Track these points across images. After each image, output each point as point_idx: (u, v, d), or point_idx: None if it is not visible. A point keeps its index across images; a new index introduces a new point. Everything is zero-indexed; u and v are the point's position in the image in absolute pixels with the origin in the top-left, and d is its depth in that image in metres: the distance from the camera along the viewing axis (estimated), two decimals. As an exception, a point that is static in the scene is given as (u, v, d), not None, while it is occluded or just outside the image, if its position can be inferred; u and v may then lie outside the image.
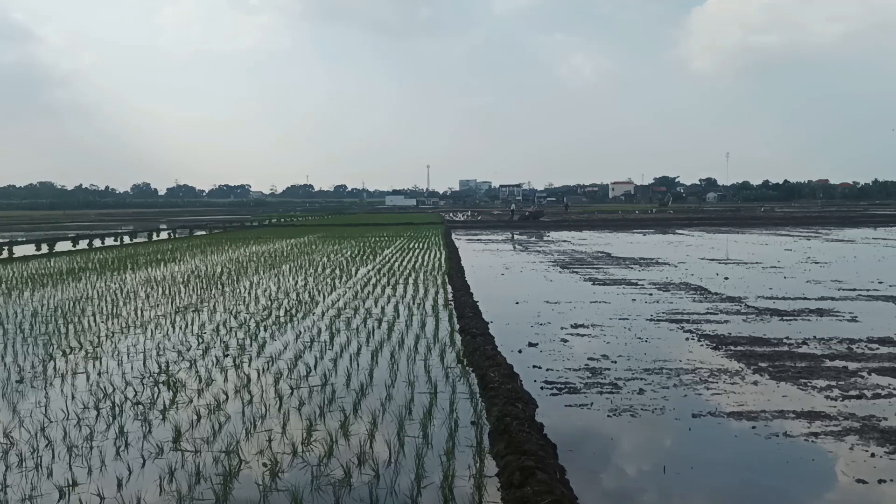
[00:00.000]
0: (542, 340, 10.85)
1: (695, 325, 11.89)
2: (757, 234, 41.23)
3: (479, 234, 44.40)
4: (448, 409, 7.27)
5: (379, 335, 10.98)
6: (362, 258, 24.99)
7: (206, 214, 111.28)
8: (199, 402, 7.72)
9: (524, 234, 43.73)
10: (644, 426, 7.00)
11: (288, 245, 33.42)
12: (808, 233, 40.69)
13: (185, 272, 21.11)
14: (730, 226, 51.52)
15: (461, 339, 10.53)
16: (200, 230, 55.37)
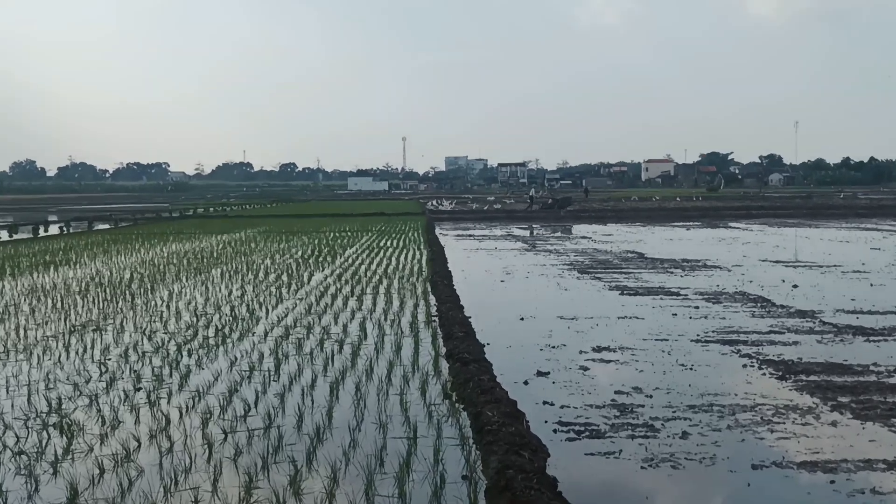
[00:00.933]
0: (554, 368, 10.88)
1: (754, 348, 11.96)
2: (835, 227, 41.58)
3: (471, 229, 44.46)
4: (432, 459, 7.27)
5: (340, 362, 10.96)
6: (318, 260, 24.97)
7: (110, 202, 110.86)
8: (101, 450, 7.67)
9: (530, 229, 43.87)
10: (689, 481, 7.02)
11: (219, 242, 33.33)
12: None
13: (83, 279, 21.00)
14: (799, 217, 51.96)
15: (448, 366, 10.53)
16: (103, 223, 55.14)
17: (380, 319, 14.15)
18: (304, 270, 22.09)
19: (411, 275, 20.55)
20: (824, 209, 59.13)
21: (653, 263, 23.93)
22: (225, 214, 65.68)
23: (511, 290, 19.01)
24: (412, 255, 26.24)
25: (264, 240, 34.54)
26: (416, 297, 16.64)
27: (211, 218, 60.38)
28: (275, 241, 33.40)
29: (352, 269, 22.05)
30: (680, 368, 10.82)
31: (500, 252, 28.87)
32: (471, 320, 13.96)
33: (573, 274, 21.60)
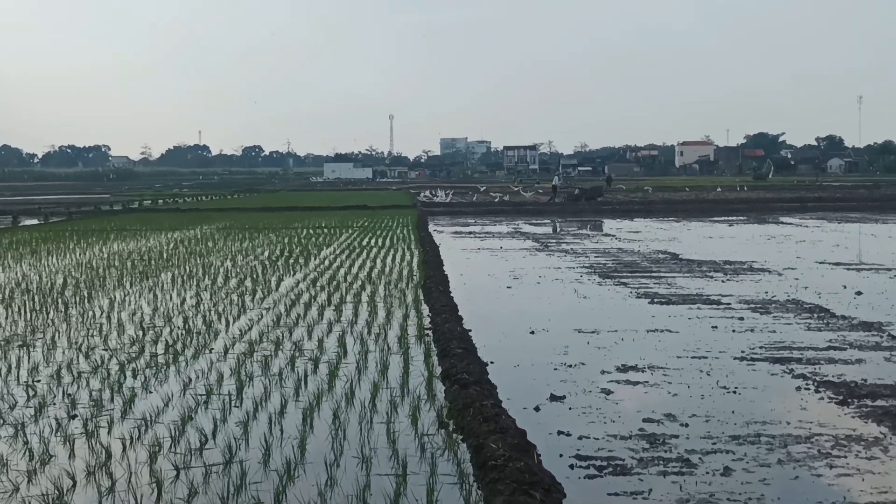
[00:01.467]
0: (571, 391, 10.89)
1: (810, 368, 11.98)
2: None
3: (471, 224, 44.50)
4: (424, 500, 7.26)
5: (315, 384, 10.96)
6: (288, 262, 24.97)
7: (38, 192, 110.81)
8: (29, 490, 7.66)
9: (543, 224, 43.89)
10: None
11: (170, 241, 33.32)
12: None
13: (6, 284, 20.98)
14: (863, 210, 52.10)
15: (444, 389, 10.53)
16: (30, 217, 55.08)
17: (362, 333, 14.14)
18: (272, 274, 22.08)
19: (400, 280, 20.55)
20: (894, 201, 59.26)
21: (689, 266, 23.97)
22: (177, 208, 65.67)
23: (519, 297, 19.00)
24: (401, 256, 26.25)
25: (224, 238, 34.54)
26: (405, 307, 16.63)
27: (160, 212, 60.38)
28: (237, 240, 33.40)
29: (329, 273, 22.04)
30: (721, 391, 10.83)
31: (505, 252, 28.90)
32: (471, 334, 13.96)
33: (593, 279, 21.62)
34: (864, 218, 45.57)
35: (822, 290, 19.03)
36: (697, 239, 33.75)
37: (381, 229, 38.21)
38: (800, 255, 26.53)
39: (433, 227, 41.96)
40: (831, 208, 53.95)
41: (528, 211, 55.13)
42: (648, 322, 15.54)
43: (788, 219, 45.36)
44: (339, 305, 16.92)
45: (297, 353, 12.76)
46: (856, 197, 64.71)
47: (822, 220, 44.41)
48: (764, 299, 17.91)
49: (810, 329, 14.71)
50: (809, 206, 55.25)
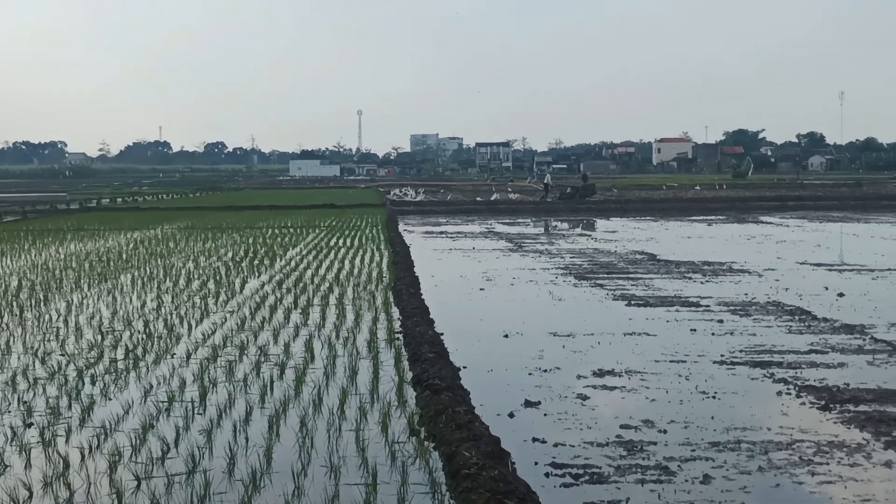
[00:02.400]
0: (546, 397, 10.92)
1: (791, 372, 12.07)
2: (889, 222, 41.98)
3: (443, 224, 44.51)
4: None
5: (281, 391, 10.93)
6: (253, 263, 24.89)
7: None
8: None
9: (517, 225, 43.96)
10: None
11: (130, 241, 33.14)
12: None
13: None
14: (845, 209, 52.48)
15: (415, 395, 10.53)
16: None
17: (330, 337, 14.13)
18: (236, 276, 22.01)
19: (369, 281, 20.54)
20: (876, 199, 59.75)
21: (667, 267, 24.08)
22: (136, 206, 65.33)
23: (493, 300, 19.04)
24: (370, 256, 26.22)
25: (186, 238, 34.38)
26: (375, 310, 16.63)
27: (119, 211, 60.03)
28: (199, 240, 33.25)
29: (295, 275, 22.00)
30: (700, 396, 10.89)
31: (479, 253, 28.93)
32: (443, 338, 13.97)
33: (569, 280, 21.68)
34: (846, 217, 45.91)
35: (804, 292, 19.16)
36: (675, 239, 33.90)
37: (349, 229, 38.16)
38: (780, 256, 26.70)
39: (403, 226, 41.94)
40: (812, 207, 54.29)
41: (501, 210, 55.19)
42: (625, 325, 15.60)
43: (769, 218, 45.63)
44: (305, 308, 16.89)
45: (262, 358, 12.73)
46: (837, 195, 65.15)
47: (803, 219, 44.71)
48: (744, 301, 18.02)
49: (791, 332, 14.81)
50: (790, 205, 55.57)
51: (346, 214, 49.47)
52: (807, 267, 23.97)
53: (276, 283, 20.48)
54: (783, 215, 47.74)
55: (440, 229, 40.76)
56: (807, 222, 42.42)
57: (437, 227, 42.64)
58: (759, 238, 33.61)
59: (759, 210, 52.63)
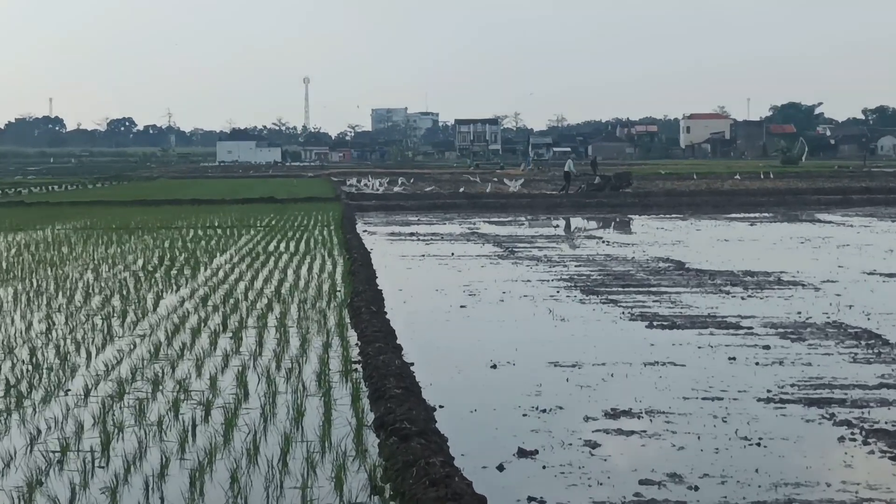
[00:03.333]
0: (545, 444, 10.88)
1: (857, 412, 12.07)
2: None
3: (413, 223, 44.48)
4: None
5: (206, 438, 10.86)
6: (170, 274, 24.79)
7: None
8: None
9: (508, 224, 43.94)
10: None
11: (11, 245, 32.95)
12: None
13: None
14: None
15: (378, 443, 10.49)
16: None
17: (269, 369, 14.05)
18: (149, 290, 21.91)
19: (319, 297, 20.48)
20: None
21: (698, 278, 24.13)
22: (20, 200, 64.99)
23: (477, 320, 19.01)
24: (320, 265, 26.16)
25: (84, 241, 34.21)
26: (326, 333, 16.56)
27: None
28: (101, 244, 33.08)
29: (224, 289, 21.91)
30: (741, 444, 10.89)
31: (459, 260, 28.92)
32: (413, 369, 13.93)
33: (574, 295, 21.69)
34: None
35: (873, 310, 19.21)
36: (709, 242, 33.95)
37: (293, 230, 38.07)
38: (843, 264, 26.79)
39: (363, 226, 41.88)
40: (883, 202, 54.45)
41: (487, 205, 55.20)
42: (646, 352, 15.60)
43: (827, 216, 45.80)
44: (237, 331, 16.80)
45: (181, 395, 12.65)
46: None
47: (871, 217, 44.88)
48: (796, 322, 18.05)
49: (857, 361, 14.83)
50: (855, 200, 55.73)
51: (290, 211, 49.36)
52: (876, 278, 24.07)
53: (200, 300, 20.39)
54: (846, 212, 47.93)
55: (410, 230, 40.74)
56: (876, 221, 42.59)
57: (405, 227, 42.61)
58: (815, 241, 33.72)
59: (815, 206, 52.77)
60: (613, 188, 61.46)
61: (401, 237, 37.60)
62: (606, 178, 65.15)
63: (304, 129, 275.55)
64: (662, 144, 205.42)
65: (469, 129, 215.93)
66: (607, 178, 64.67)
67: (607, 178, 65.07)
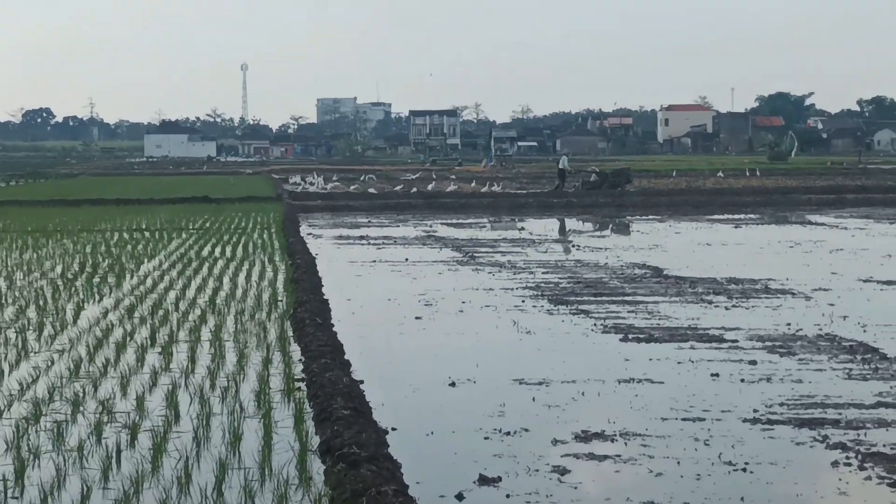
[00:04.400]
0: (509, 471, 10.87)
1: (852, 434, 12.12)
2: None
3: (363, 226, 44.45)
4: None
5: (132, 464, 10.81)
6: (92, 282, 24.67)
7: None
8: None
9: (468, 226, 43.96)
10: None
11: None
12: None
13: None
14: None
15: (325, 469, 10.47)
16: None
17: (202, 387, 14.00)
18: (68, 300, 21.80)
19: (258, 308, 20.43)
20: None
21: (678, 286, 24.22)
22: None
23: (434, 333, 19.02)
24: (259, 272, 26.12)
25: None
26: (266, 348, 16.51)
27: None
28: (14, 249, 32.92)
29: (153, 298, 21.83)
30: (725, 469, 10.91)
31: (414, 267, 28.93)
32: (363, 388, 13.93)
33: (541, 305, 21.71)
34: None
35: (869, 322, 19.32)
36: (689, 246, 34.06)
37: (230, 233, 37.99)
38: (836, 271, 26.95)
39: (308, 229, 41.83)
40: (880, 202, 54.84)
41: (445, 206, 55.20)
42: (620, 368, 15.63)
43: (820, 217, 46.06)
44: (167, 346, 16.73)
45: (105, 416, 12.58)
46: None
47: (867, 219, 45.16)
48: (786, 334, 18.13)
49: (852, 378, 14.90)
50: (849, 200, 56.05)
51: (226, 212, 49.25)
52: (873, 286, 24.23)
53: (126, 311, 20.30)
54: (839, 213, 48.22)
55: (359, 233, 40.71)
56: (872, 223, 42.85)
57: (354, 229, 42.58)
58: (806, 245, 33.91)
59: (805, 206, 53.08)
60: (611, 186, 61.69)
61: (349, 241, 37.56)
62: (604, 175, 65.41)
63: (241, 121, 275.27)
64: (638, 138, 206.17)
65: (425, 121, 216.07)
66: (604, 176, 64.94)
67: (604, 175, 65.33)
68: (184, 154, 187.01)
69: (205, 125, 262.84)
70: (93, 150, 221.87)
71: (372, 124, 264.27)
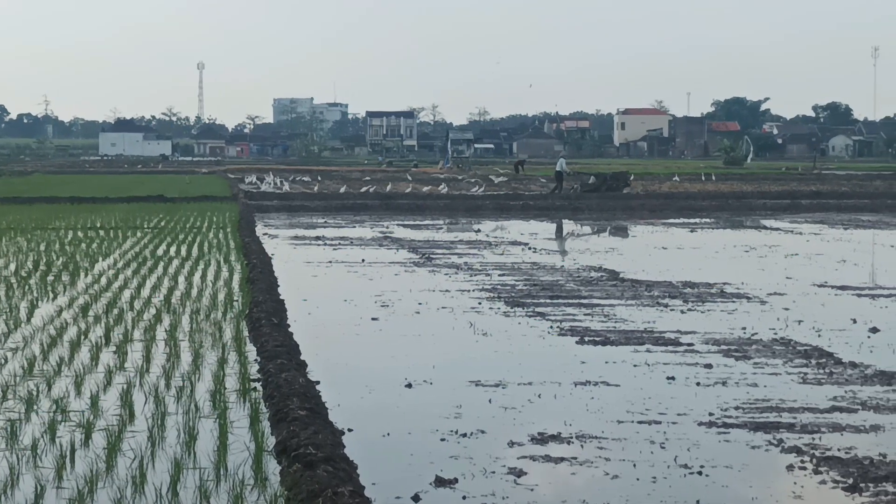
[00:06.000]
0: (465, 472, 10.88)
1: (807, 437, 12.18)
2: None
3: (319, 226, 44.36)
4: None
5: (86, 464, 10.75)
6: (46, 280, 24.54)
7: None
8: None
9: (424, 228, 43.94)
10: None
11: None
12: None
13: None
14: (880, 211, 53.52)
15: (280, 470, 10.45)
16: None
17: (157, 387, 13.94)
18: (22, 298, 21.69)
19: (213, 307, 20.37)
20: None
21: (634, 289, 24.27)
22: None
23: (390, 334, 18.99)
24: (215, 272, 26.02)
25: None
26: (221, 348, 16.47)
27: None
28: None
29: (107, 297, 21.72)
30: (681, 472, 10.94)
31: (370, 268, 28.88)
32: (319, 388, 13.91)
33: (497, 307, 21.71)
34: (880, 222, 46.78)
35: (823, 326, 19.42)
36: (645, 250, 34.13)
37: (185, 232, 37.83)
38: (791, 275, 27.04)
39: (263, 229, 41.69)
40: (835, 207, 55.14)
41: (402, 207, 55.17)
42: (577, 371, 15.66)
43: (775, 222, 46.25)
44: (122, 345, 16.66)
45: (59, 416, 12.52)
46: (869, 192, 66.23)
47: (821, 224, 45.34)
48: (741, 338, 18.19)
49: (807, 382, 14.97)
50: (804, 205, 56.34)
51: (182, 211, 49.07)
52: (827, 291, 24.33)
53: (80, 309, 20.19)
54: (794, 218, 48.43)
55: (316, 234, 40.60)
56: (827, 228, 43.03)
57: (311, 230, 42.47)
58: (761, 250, 34.02)
59: (761, 211, 53.37)
60: (610, 189, 61.80)
61: (305, 241, 37.46)
62: (602, 177, 65.60)
63: (197, 119, 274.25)
64: (595, 142, 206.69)
65: (382, 122, 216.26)
66: (603, 178, 65.14)
67: (603, 177, 65.52)
68: (139, 153, 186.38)
69: (160, 124, 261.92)
70: (47, 147, 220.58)
71: (328, 125, 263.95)
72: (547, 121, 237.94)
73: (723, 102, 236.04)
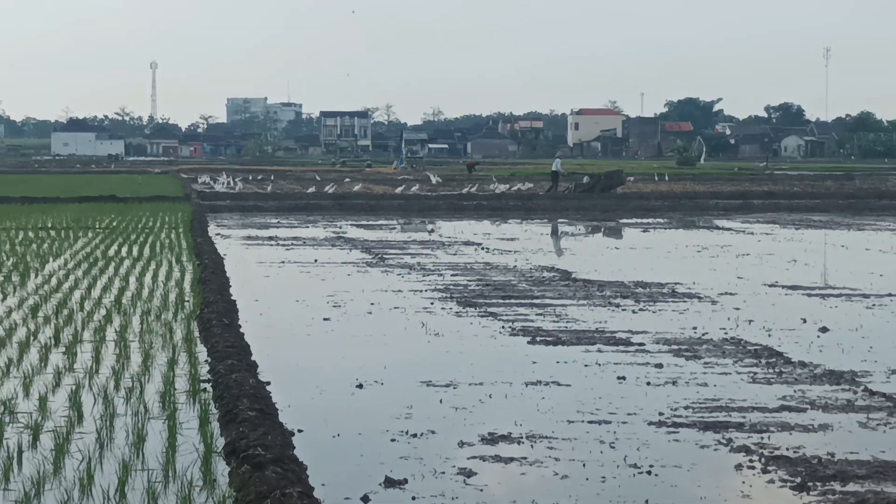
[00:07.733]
0: (416, 473, 10.86)
1: (756, 437, 12.21)
2: (891, 229, 42.98)
3: (272, 226, 44.28)
4: None
5: (34, 465, 10.68)
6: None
7: None
8: None
9: (378, 228, 43.92)
10: None
11: None
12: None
13: None
14: (831, 211, 53.82)
15: (229, 471, 10.41)
16: None
17: (106, 388, 13.86)
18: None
19: (164, 308, 20.28)
20: (873, 198, 61.10)
21: (585, 289, 24.31)
22: None
23: (342, 334, 18.97)
24: (166, 272, 25.92)
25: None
26: (172, 349, 16.40)
27: None
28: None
29: (57, 298, 21.61)
30: (630, 472, 10.95)
31: (323, 268, 28.85)
32: (270, 389, 13.86)
33: (449, 307, 21.72)
34: (831, 222, 46.90)
35: (774, 326, 19.50)
36: (597, 250, 34.26)
37: (137, 232, 37.69)
38: (742, 275, 27.16)
39: (216, 229, 41.59)
40: (786, 208, 55.45)
41: (355, 207, 55.11)
42: (528, 371, 15.65)
43: (726, 222, 46.46)
44: (71, 346, 16.56)
45: (6, 417, 12.45)
46: (820, 192, 66.61)
47: (773, 224, 45.56)
48: (691, 338, 18.25)
49: (756, 381, 15.01)
50: (756, 205, 56.65)
51: (134, 211, 48.89)
52: (778, 291, 24.45)
53: (29, 310, 20.09)
54: (746, 218, 48.65)
55: (268, 234, 40.54)
56: (778, 228, 43.24)
57: (263, 230, 42.39)
58: (713, 250, 34.15)
59: (713, 211, 53.63)
60: (604, 189, 61.89)
61: (258, 241, 37.39)
62: (596, 177, 65.73)
63: (150, 119, 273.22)
64: (549, 142, 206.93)
65: (336, 122, 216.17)
66: (597, 178, 65.27)
67: (597, 177, 65.66)
68: (91, 152, 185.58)
69: (113, 123, 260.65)
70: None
71: (282, 124, 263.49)
72: (501, 121, 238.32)
73: (676, 103, 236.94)
